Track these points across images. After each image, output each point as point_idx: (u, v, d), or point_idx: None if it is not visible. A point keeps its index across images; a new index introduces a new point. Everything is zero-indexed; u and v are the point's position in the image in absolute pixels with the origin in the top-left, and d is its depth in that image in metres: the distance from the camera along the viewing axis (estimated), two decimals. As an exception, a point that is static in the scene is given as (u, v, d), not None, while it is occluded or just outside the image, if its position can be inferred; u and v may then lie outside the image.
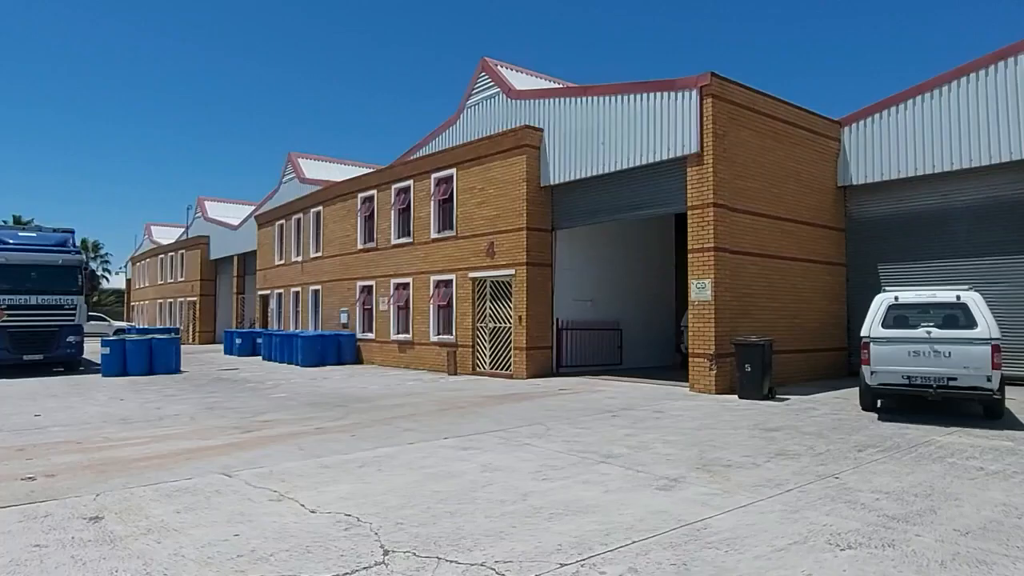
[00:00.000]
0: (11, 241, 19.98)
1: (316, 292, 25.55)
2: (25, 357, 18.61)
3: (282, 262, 28.69)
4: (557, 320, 17.05)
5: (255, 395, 13.78)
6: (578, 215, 16.64)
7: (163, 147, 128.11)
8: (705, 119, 13.28)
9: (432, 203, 19.41)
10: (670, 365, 18.43)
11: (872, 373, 10.09)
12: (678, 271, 18.90)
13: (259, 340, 25.74)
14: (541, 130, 16.95)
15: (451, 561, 4.30)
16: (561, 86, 19.66)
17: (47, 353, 19.03)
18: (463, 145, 18.86)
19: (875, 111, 15.68)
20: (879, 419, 9.95)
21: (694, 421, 9.92)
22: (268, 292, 30.01)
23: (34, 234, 21.48)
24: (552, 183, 16.62)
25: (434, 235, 19.35)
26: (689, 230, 13.60)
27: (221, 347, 30.38)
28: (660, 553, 4.44)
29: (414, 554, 4.44)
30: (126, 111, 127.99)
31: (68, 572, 4.22)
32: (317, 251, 25.56)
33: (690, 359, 13.62)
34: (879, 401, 10.72)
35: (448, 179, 18.92)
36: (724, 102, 13.48)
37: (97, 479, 6.61)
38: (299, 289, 26.92)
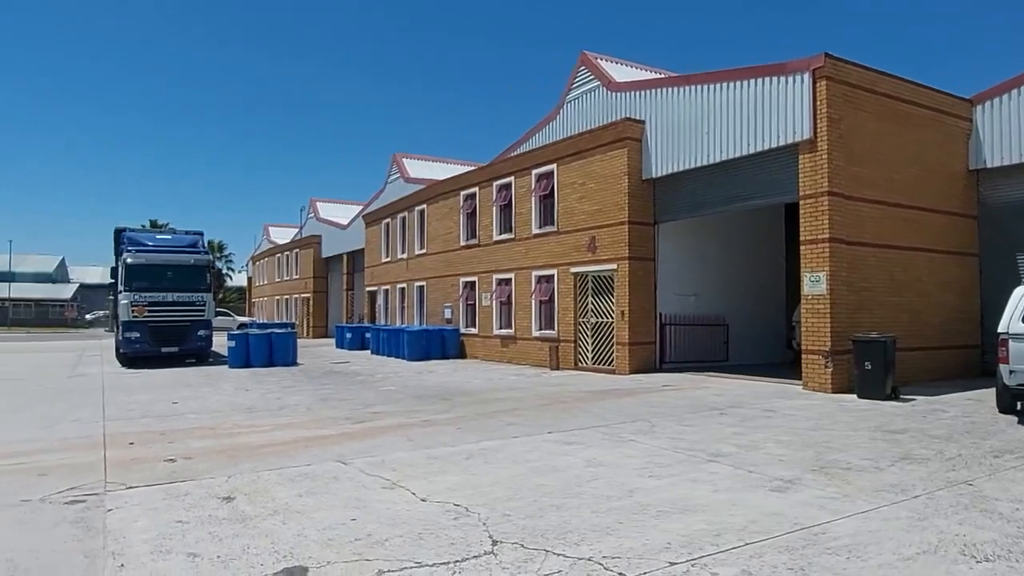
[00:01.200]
0: (150, 244, 21.81)
1: (421, 288, 26.31)
2: (163, 349, 20.24)
3: (388, 259, 29.72)
4: (660, 315, 16.74)
5: (365, 388, 14.37)
6: (681, 208, 16.25)
7: (281, 153, 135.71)
8: (819, 103, 12.62)
9: (533, 199, 19.53)
10: (780, 362, 17.68)
11: (1011, 372, 9.28)
12: (788, 264, 18.08)
13: (368, 335, 26.80)
14: (642, 122, 16.67)
15: (558, 554, 4.34)
16: (663, 76, 19.24)
17: (181, 346, 20.62)
18: (563, 140, 18.85)
19: (1012, 87, 14.35)
20: (1019, 422, 9.15)
21: (808, 421, 9.48)
22: (376, 288, 31.18)
23: (169, 236, 23.35)
24: (654, 176, 16.31)
25: (535, 231, 19.46)
26: (801, 221, 12.99)
27: (333, 341, 31.84)
28: (775, 556, 4.29)
29: (522, 545, 4.51)
30: (248, 122, 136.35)
31: (206, 547, 4.58)
32: (421, 248, 26.31)
33: (803, 356, 13.02)
34: (1019, 403, 9.85)
35: (549, 175, 18.96)
36: (839, 84, 12.75)
37: (228, 463, 7.13)
38: (405, 285, 27.81)
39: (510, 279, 20.46)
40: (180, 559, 4.37)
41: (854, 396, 11.79)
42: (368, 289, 32.36)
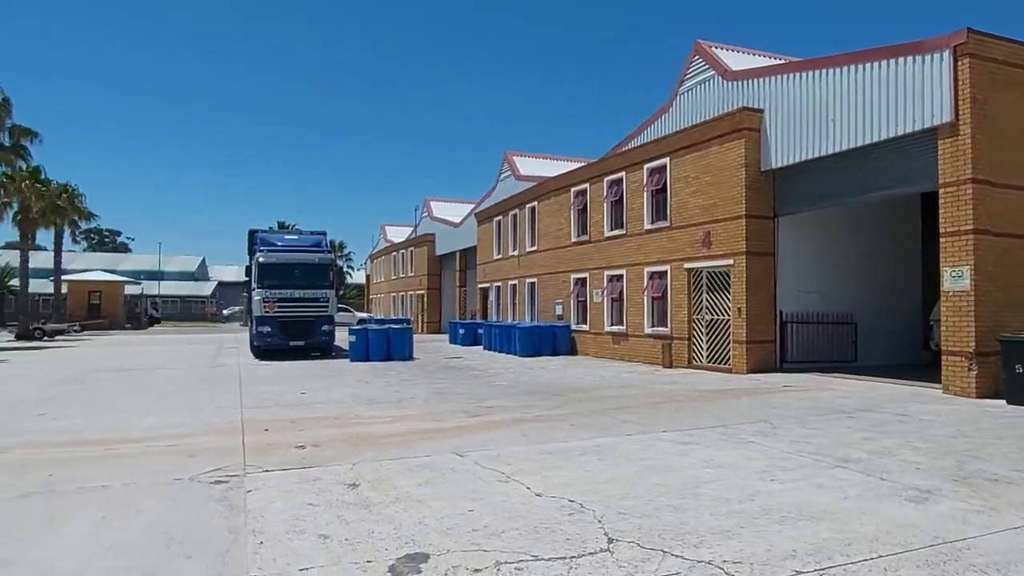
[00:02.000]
0: (279, 244, 23.28)
1: (532, 285, 26.53)
2: (291, 343, 21.54)
3: (500, 256, 30.18)
4: (780, 312, 16.02)
5: (479, 382, 14.68)
6: (804, 199, 15.46)
7: (397, 153, 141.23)
8: (960, 83, 11.62)
9: (645, 194, 19.21)
10: (916, 364, 16.43)
11: None
12: (925, 258, 16.79)
13: (480, 330, 27.32)
14: (761, 111, 15.99)
15: (677, 556, 4.27)
16: (782, 62, 18.36)
17: (307, 340, 21.85)
18: (676, 133, 18.41)
19: None
20: None
21: (948, 427, 8.78)
22: (487, 285, 31.75)
23: (296, 237, 24.84)
24: (774, 167, 15.61)
25: (647, 226, 19.14)
26: (941, 211, 12.03)
27: (446, 336, 32.72)
28: (913, 571, 4.01)
29: (638, 545, 4.47)
30: (365, 124, 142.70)
31: (335, 529, 4.86)
32: (532, 245, 26.51)
33: (943, 357, 12.06)
34: None
35: (661, 169, 18.59)
36: (984, 61, 11.68)
37: (352, 451, 7.51)
38: (516, 282, 28.14)
39: (622, 275, 20.25)
40: (312, 539, 4.66)
41: (1002, 402, 10.80)
42: (480, 286, 33.00)
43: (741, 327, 15.74)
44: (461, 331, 28.87)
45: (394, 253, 50.64)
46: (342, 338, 23.35)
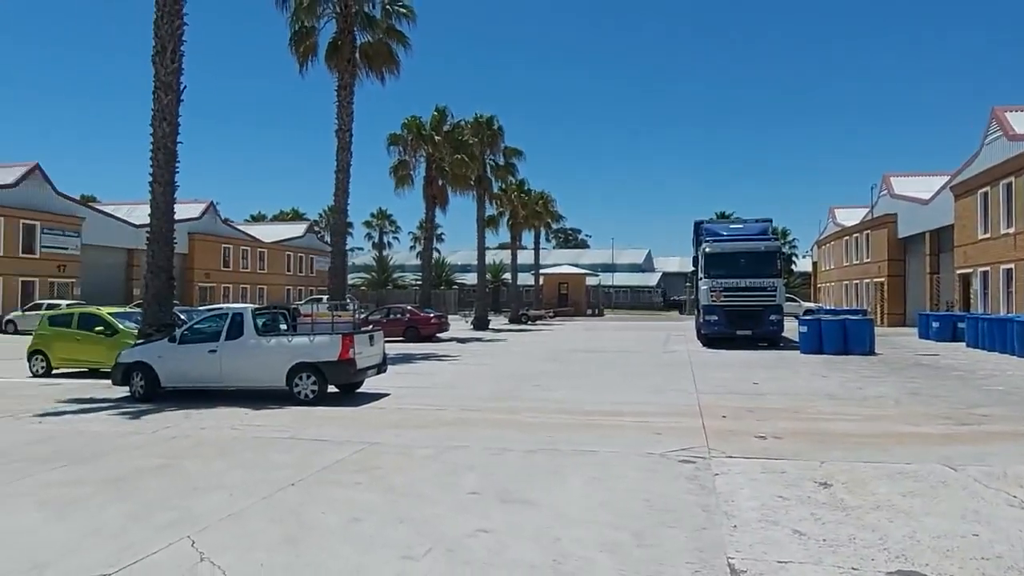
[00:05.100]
0: (724, 233, 23.50)
1: (1035, 269, 21.36)
2: (737, 332, 21.49)
3: (987, 236, 25.06)
4: None
5: (964, 385, 12.46)
6: None
7: (843, 133, 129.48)
8: None
9: None
10: None
11: None
12: None
13: (960, 324, 23.16)
14: None
15: None
16: None
17: (754, 329, 21.51)
18: None
19: None
20: None
21: None
22: (969, 270, 26.71)
23: (740, 226, 24.72)
24: None
25: None
26: None
27: (912, 330, 28.62)
28: None
29: None
30: (806, 108, 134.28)
31: (810, 527, 4.68)
32: (1036, 220, 21.32)
33: None
34: None
35: None
36: None
37: (817, 448, 7.13)
38: (1011, 266, 23.01)
39: None
40: (786, 533, 4.58)
41: None
42: (959, 271, 27.98)
43: None
44: (935, 324, 24.92)
45: (846, 238, 46.38)
46: (790, 328, 22.39)
